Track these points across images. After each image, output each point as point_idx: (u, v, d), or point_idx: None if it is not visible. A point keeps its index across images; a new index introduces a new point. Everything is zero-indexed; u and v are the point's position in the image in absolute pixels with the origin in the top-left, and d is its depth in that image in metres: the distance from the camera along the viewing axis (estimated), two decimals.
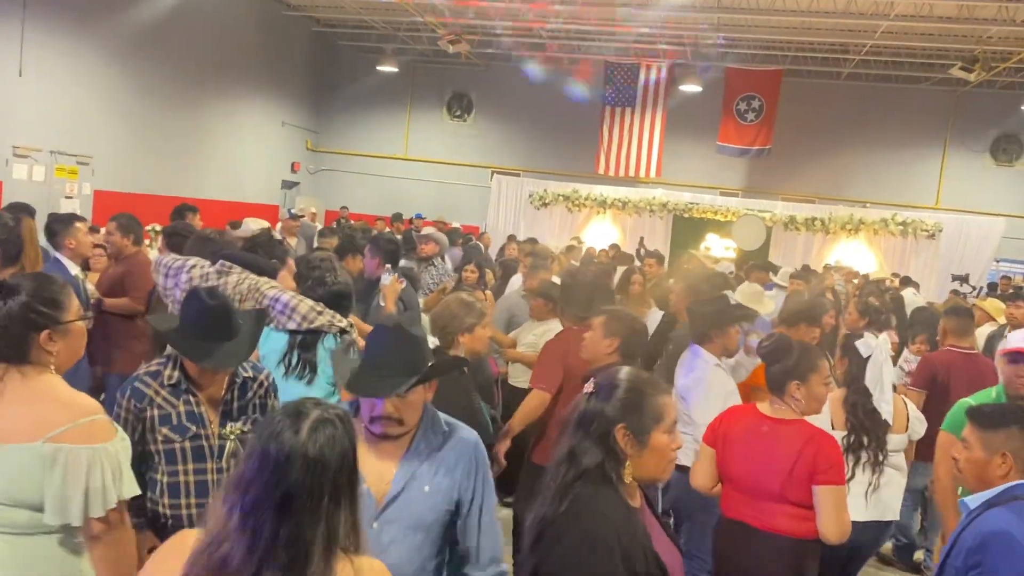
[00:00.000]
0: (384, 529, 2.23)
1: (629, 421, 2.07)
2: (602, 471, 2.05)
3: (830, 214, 16.12)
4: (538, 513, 2.09)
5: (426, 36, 17.84)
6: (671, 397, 2.19)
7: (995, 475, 2.58)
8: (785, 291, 8.53)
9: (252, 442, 1.61)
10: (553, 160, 19.22)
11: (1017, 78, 16.00)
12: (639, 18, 14.79)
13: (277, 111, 18.53)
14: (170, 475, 2.70)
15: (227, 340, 2.72)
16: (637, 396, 2.10)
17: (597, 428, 2.07)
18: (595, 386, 2.14)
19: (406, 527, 2.25)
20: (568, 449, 2.10)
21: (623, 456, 2.07)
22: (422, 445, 2.32)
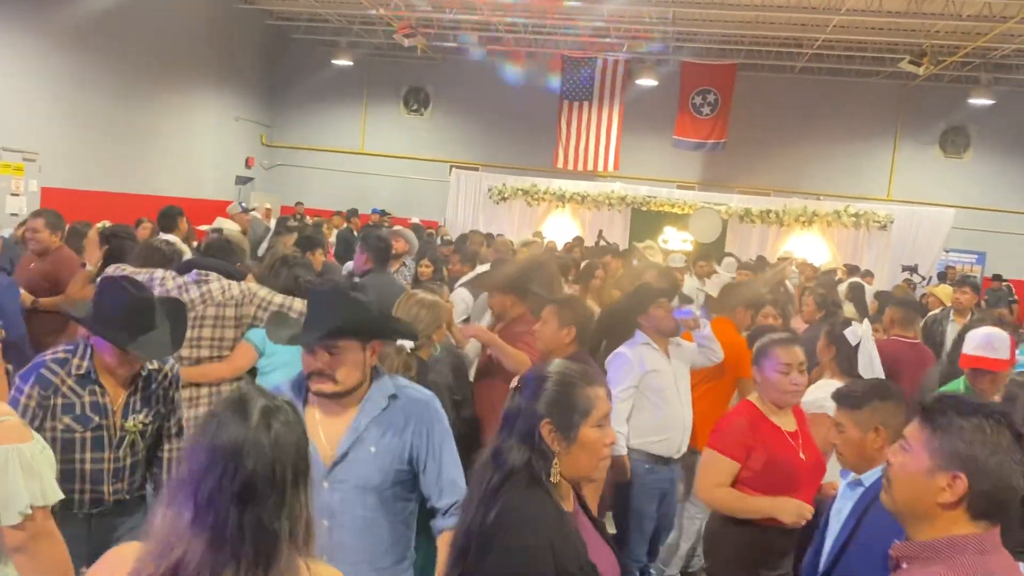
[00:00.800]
0: (334, 488, 2.31)
1: (554, 416, 1.95)
2: (530, 471, 1.92)
3: (784, 206, 16.34)
4: (463, 521, 1.98)
5: (381, 29, 17.70)
6: (603, 389, 2.05)
7: (873, 450, 2.60)
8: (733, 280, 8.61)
9: (193, 441, 1.53)
10: (512, 154, 19.21)
11: (964, 72, 16.35)
12: (595, 12, 14.83)
13: (230, 105, 18.24)
14: (65, 463, 2.68)
15: (151, 330, 2.74)
16: (563, 389, 1.98)
17: (521, 425, 1.95)
18: (521, 381, 2.02)
19: (354, 488, 2.32)
20: (493, 450, 1.98)
21: (551, 454, 1.94)
22: (369, 407, 2.37)
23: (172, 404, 3.02)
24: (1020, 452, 1.67)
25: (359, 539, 2.33)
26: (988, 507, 1.67)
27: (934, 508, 1.69)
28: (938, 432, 1.70)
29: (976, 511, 1.67)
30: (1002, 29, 13.42)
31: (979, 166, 17.69)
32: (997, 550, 1.68)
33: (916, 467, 1.72)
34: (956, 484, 1.66)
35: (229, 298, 3.92)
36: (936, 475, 1.68)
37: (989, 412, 1.69)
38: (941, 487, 1.68)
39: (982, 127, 17.40)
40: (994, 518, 1.68)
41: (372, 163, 19.79)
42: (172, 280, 3.97)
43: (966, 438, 1.67)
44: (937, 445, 1.69)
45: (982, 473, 1.65)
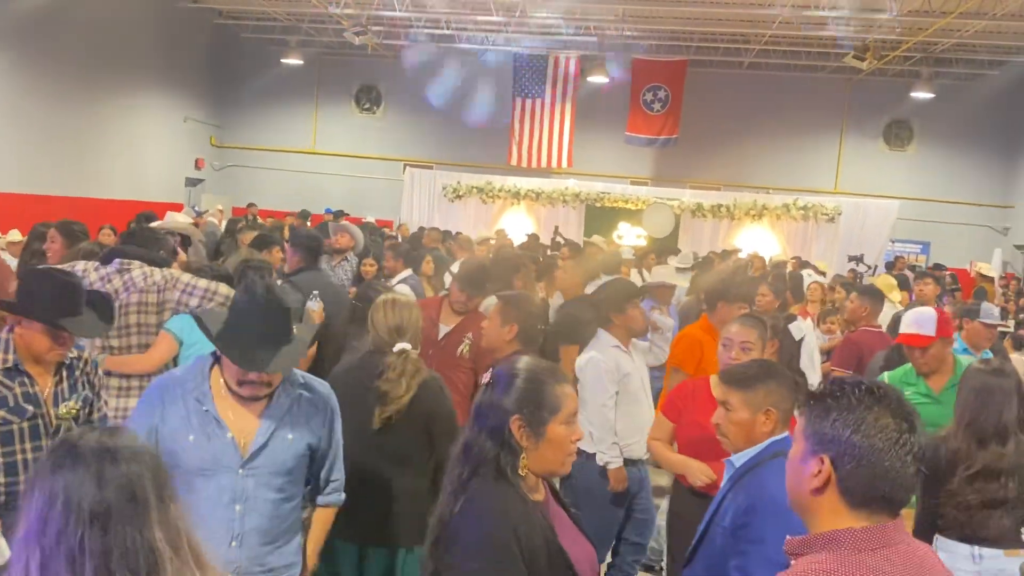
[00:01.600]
0: (250, 475, 2.43)
1: (524, 412, 2.00)
2: (497, 465, 1.98)
3: (735, 201, 16.58)
4: (437, 510, 2.04)
5: (331, 28, 17.54)
6: (570, 387, 2.12)
7: (761, 432, 2.58)
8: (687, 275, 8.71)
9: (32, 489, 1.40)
10: (466, 152, 19.20)
11: (906, 66, 16.72)
12: (546, 9, 14.87)
13: (179, 106, 17.94)
14: (6, 455, 2.73)
15: (78, 314, 2.79)
16: (533, 386, 2.03)
17: (492, 421, 2.00)
18: (492, 377, 2.07)
19: (270, 473, 2.46)
20: (464, 444, 2.04)
21: (519, 449, 1.99)
22: (283, 398, 2.51)
23: (95, 389, 3.07)
24: (895, 430, 1.54)
25: (269, 521, 2.47)
26: (864, 493, 1.54)
27: (808, 497, 1.59)
28: (811, 417, 1.61)
29: (853, 499, 1.55)
30: (942, 24, 13.75)
31: (922, 158, 18.14)
32: (891, 544, 1.55)
33: (794, 455, 1.65)
34: (821, 468, 1.57)
35: (151, 284, 3.92)
36: (808, 461, 1.59)
37: (859, 390, 1.58)
38: (812, 473, 1.58)
39: (924, 120, 17.82)
40: (875, 506, 1.55)
41: (325, 163, 19.62)
42: (95, 271, 3.95)
43: (831, 417, 1.57)
44: (809, 430, 1.61)
45: (847, 454, 1.54)
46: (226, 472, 2.41)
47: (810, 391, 1.70)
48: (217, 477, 2.40)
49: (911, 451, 1.55)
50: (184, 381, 2.48)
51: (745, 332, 3.44)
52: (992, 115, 17.41)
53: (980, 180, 17.85)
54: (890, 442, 1.53)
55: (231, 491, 2.41)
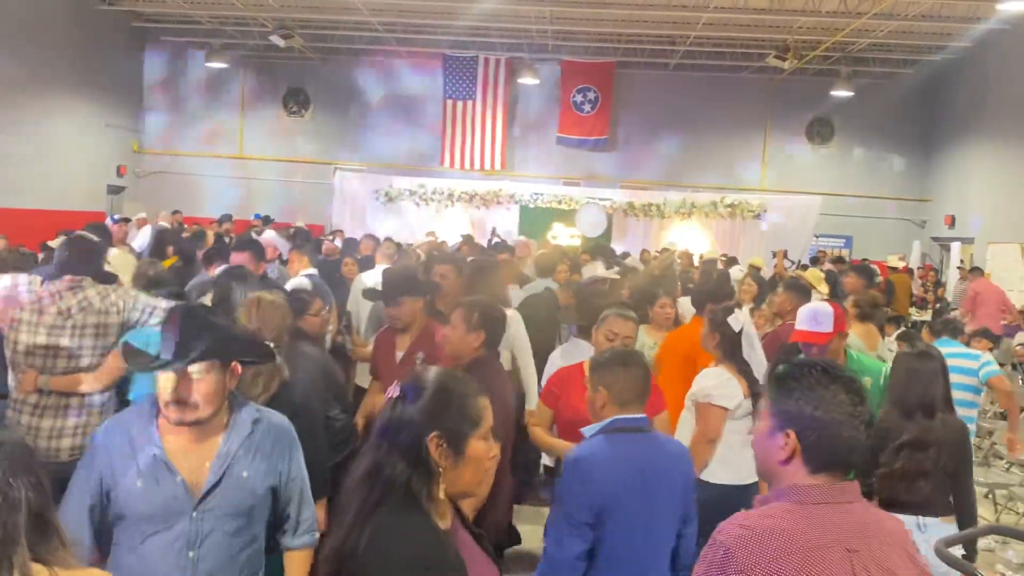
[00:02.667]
0: (204, 518, 2.26)
1: (443, 428, 1.80)
2: (409, 489, 1.76)
3: (664, 199, 16.85)
4: (336, 541, 1.80)
5: (256, 30, 17.23)
6: (487, 399, 1.95)
7: (598, 408, 2.86)
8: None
9: None
10: (398, 155, 19.07)
11: (826, 65, 17.21)
12: (473, 11, 14.87)
13: (98, 112, 17.39)
14: None
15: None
16: (452, 399, 1.84)
17: (406, 438, 1.78)
18: (402, 390, 1.84)
19: (225, 514, 2.29)
20: (371, 465, 1.80)
21: (436, 469, 1.79)
22: (234, 433, 2.35)
23: None
24: (850, 403, 1.77)
25: (225, 565, 2.30)
26: (825, 460, 1.78)
27: (776, 466, 1.83)
28: (777, 395, 1.83)
29: (815, 466, 1.78)
30: (857, 25, 14.20)
31: (843, 154, 18.71)
32: (842, 501, 1.77)
33: (763, 431, 1.86)
34: (788, 441, 1.79)
35: (111, 305, 3.74)
36: (776, 435, 1.81)
37: (816, 370, 1.81)
38: (779, 446, 1.80)
39: (844, 118, 18.37)
40: (834, 469, 1.79)
41: (252, 167, 19.25)
42: (43, 286, 3.73)
43: (795, 396, 1.79)
44: (775, 409, 1.83)
45: (809, 428, 1.77)
46: (178, 517, 2.24)
47: (774, 373, 1.88)
48: (168, 523, 2.24)
49: (863, 420, 1.79)
50: (130, 424, 2.33)
51: (624, 325, 3.67)
52: (908, 112, 18.04)
53: (898, 175, 18.50)
54: (846, 415, 1.76)
55: (185, 537, 2.24)
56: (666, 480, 2.74)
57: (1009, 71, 14.79)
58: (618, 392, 2.80)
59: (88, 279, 3.78)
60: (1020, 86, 14.37)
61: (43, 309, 3.66)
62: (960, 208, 16.59)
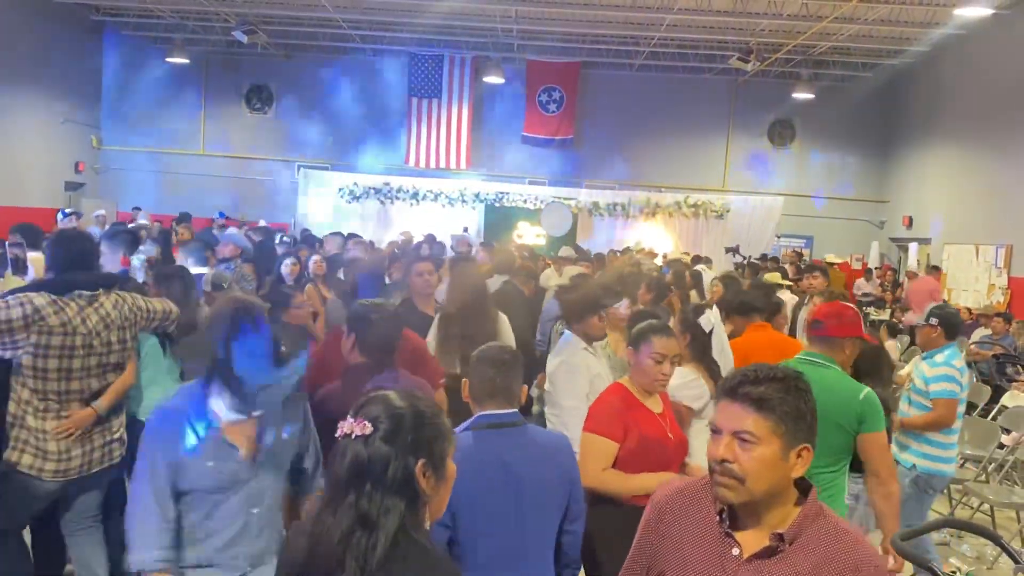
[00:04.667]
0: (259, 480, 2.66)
1: (429, 453, 1.68)
2: (408, 530, 1.61)
3: (629, 199, 16.97)
4: None
5: (219, 26, 17.02)
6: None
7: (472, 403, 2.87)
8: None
9: None
10: (363, 152, 18.95)
11: (787, 68, 17.45)
12: (438, 9, 14.83)
13: (56, 106, 17.07)
14: None
15: None
16: (432, 420, 1.72)
17: (395, 473, 1.61)
18: (371, 423, 1.65)
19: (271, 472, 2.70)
20: (357, 516, 1.59)
21: (425, 499, 1.67)
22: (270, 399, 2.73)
23: None
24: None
25: (273, 508, 2.72)
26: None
27: (787, 483, 1.79)
28: (781, 418, 1.75)
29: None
30: (819, 28, 14.42)
31: (804, 156, 18.96)
32: None
33: (772, 456, 1.75)
34: (804, 455, 1.78)
35: (126, 319, 3.72)
36: (789, 455, 1.76)
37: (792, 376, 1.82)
38: (793, 464, 1.77)
39: (805, 119, 18.63)
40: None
41: (214, 164, 19.02)
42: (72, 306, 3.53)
43: (803, 412, 1.78)
44: (783, 429, 1.75)
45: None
46: (242, 485, 2.60)
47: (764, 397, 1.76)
48: (235, 491, 2.59)
49: None
50: (185, 410, 2.58)
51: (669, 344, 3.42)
52: (867, 115, 18.36)
53: (857, 176, 18.81)
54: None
55: (247, 499, 2.61)
56: (536, 475, 2.64)
57: (965, 75, 15.12)
58: (478, 387, 2.75)
59: (100, 291, 3.67)
60: (976, 90, 14.70)
61: (74, 331, 3.51)
62: (917, 209, 16.92)
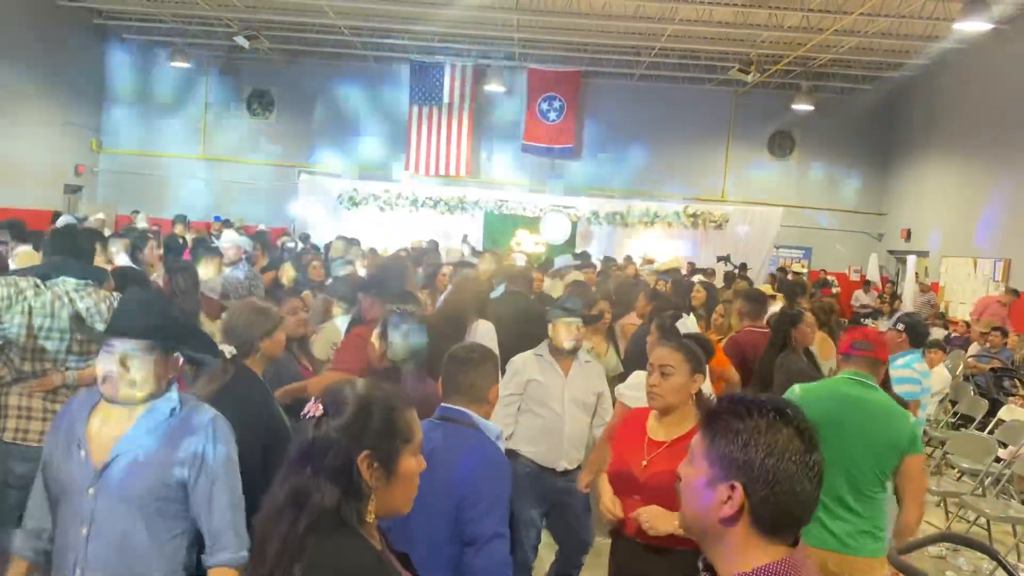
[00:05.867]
0: (99, 496, 2.24)
1: (375, 446, 1.65)
2: (338, 514, 1.60)
3: (628, 208, 17.00)
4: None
5: (221, 31, 17.06)
6: (414, 411, 1.81)
7: None
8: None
9: None
10: (363, 159, 18.97)
11: (788, 80, 17.50)
12: (441, 17, 14.88)
13: (57, 109, 17.08)
14: None
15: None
16: (385, 414, 1.69)
17: (334, 459, 1.61)
18: (324, 407, 1.66)
19: (117, 497, 2.24)
20: (291, 491, 1.61)
21: (367, 491, 1.64)
22: (149, 416, 2.31)
23: None
24: (804, 451, 1.46)
25: (116, 554, 2.23)
26: (777, 519, 1.46)
27: (716, 525, 1.48)
28: (716, 438, 1.49)
29: (764, 526, 1.46)
30: (819, 40, 14.47)
31: (803, 167, 18.99)
32: (805, 567, 1.49)
33: (695, 478, 1.52)
34: (734, 495, 1.45)
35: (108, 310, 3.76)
36: (716, 487, 1.47)
37: (766, 409, 1.49)
38: (722, 500, 1.46)
39: (805, 131, 18.67)
40: (785, 531, 1.48)
41: (214, 169, 19.03)
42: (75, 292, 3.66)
43: (741, 441, 1.46)
44: (715, 454, 1.48)
45: (758, 479, 1.44)
46: (79, 493, 2.25)
47: (708, 408, 1.58)
48: (71, 497, 2.26)
49: (817, 471, 1.47)
50: (74, 403, 2.42)
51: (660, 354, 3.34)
52: (866, 127, 18.41)
53: (856, 189, 18.85)
54: (802, 464, 1.45)
55: (80, 513, 2.24)
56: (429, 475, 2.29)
57: (964, 89, 15.17)
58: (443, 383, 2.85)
59: (91, 281, 3.76)
60: (974, 104, 14.75)
61: (55, 313, 3.61)
62: (916, 222, 16.95)
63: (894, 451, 3.43)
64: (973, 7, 10.67)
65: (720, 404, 1.54)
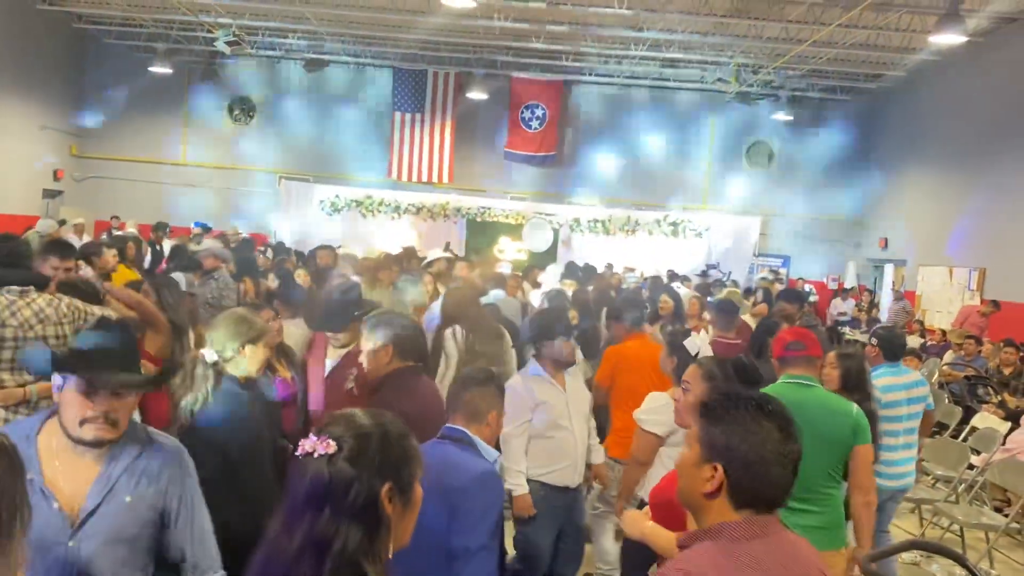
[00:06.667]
0: (83, 546, 2.12)
1: (395, 477, 1.56)
2: (367, 556, 1.50)
3: (610, 216, 17.09)
4: None
5: (203, 36, 17.00)
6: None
7: None
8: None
9: None
10: (345, 165, 18.95)
11: (768, 90, 17.64)
12: (423, 25, 14.91)
13: (35, 113, 16.96)
14: None
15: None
16: (399, 441, 1.61)
17: (357, 496, 1.50)
18: (337, 442, 1.53)
19: (106, 542, 2.14)
20: (308, 536, 1.49)
21: (388, 525, 1.55)
22: (121, 453, 2.19)
23: None
24: (780, 441, 1.72)
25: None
26: (751, 496, 1.71)
27: (700, 498, 1.75)
28: (707, 425, 1.77)
29: (739, 501, 1.71)
30: (798, 51, 14.62)
31: (782, 177, 19.10)
32: (766, 535, 1.70)
33: (690, 459, 1.79)
34: (715, 474, 1.72)
35: (63, 315, 3.77)
36: (702, 466, 1.74)
37: (751, 403, 1.76)
38: (706, 478, 1.73)
39: (784, 141, 18.84)
40: (757, 507, 1.72)
41: (195, 174, 18.94)
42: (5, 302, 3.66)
43: (726, 429, 1.73)
44: (705, 438, 1.76)
45: (738, 462, 1.70)
46: (55, 546, 2.10)
47: (704, 402, 1.83)
48: (44, 553, 2.08)
49: (792, 459, 1.74)
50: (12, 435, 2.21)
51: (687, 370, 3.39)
52: (845, 137, 18.58)
53: (834, 198, 18.97)
54: (776, 453, 1.72)
55: (61, 566, 2.10)
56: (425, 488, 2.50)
57: (940, 101, 15.38)
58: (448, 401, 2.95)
59: (31, 288, 3.74)
60: (950, 115, 14.95)
61: (2, 323, 3.61)
62: (893, 231, 17.13)
63: (841, 446, 3.52)
64: (948, 21, 10.81)
65: (713, 397, 1.84)
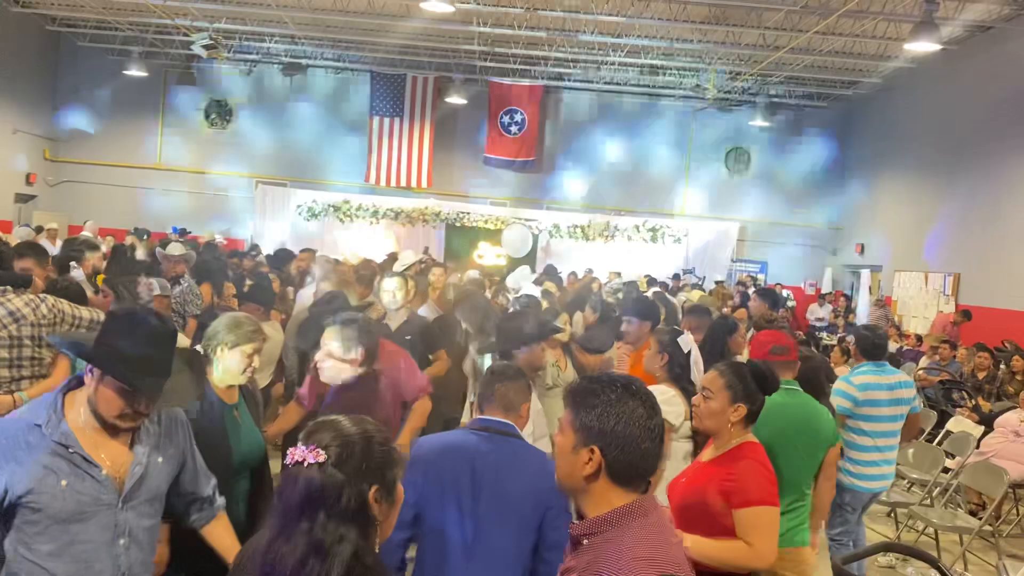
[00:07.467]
0: (130, 508, 2.37)
1: (380, 478, 1.67)
2: (357, 554, 1.60)
3: (589, 221, 17.10)
4: None
5: (179, 39, 16.86)
6: None
7: None
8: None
9: None
10: (322, 170, 18.84)
11: (745, 96, 17.76)
12: (402, 29, 14.87)
13: (7, 117, 16.74)
14: None
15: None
16: (381, 446, 1.70)
17: (347, 502, 1.60)
18: (325, 452, 1.62)
19: (147, 501, 2.42)
20: (308, 541, 1.58)
21: (376, 524, 1.67)
22: (148, 424, 2.46)
23: None
24: (646, 417, 1.80)
25: (147, 548, 2.46)
26: (628, 473, 1.79)
27: (582, 481, 1.80)
28: (578, 411, 1.82)
29: (619, 479, 1.79)
30: (775, 58, 14.72)
31: (759, 183, 19.19)
32: (655, 509, 1.82)
33: (565, 446, 1.84)
34: (593, 456, 1.78)
35: (42, 317, 3.81)
36: (579, 451, 1.80)
37: (616, 385, 1.83)
38: (584, 461, 1.79)
39: (762, 147, 18.94)
40: (636, 482, 1.81)
41: (170, 179, 18.75)
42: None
43: (597, 413, 1.79)
44: (578, 424, 1.81)
45: (613, 442, 1.78)
46: (106, 510, 2.32)
47: (571, 387, 1.89)
48: (97, 517, 2.31)
49: (657, 433, 1.83)
50: (31, 426, 2.25)
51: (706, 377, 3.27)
52: (822, 144, 18.70)
53: (812, 204, 19.11)
54: (644, 428, 1.80)
55: (113, 528, 2.33)
56: (499, 485, 2.64)
57: (915, 108, 15.53)
58: (481, 394, 2.94)
59: (8, 287, 3.77)
60: (925, 122, 15.10)
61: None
62: (869, 237, 17.26)
63: (822, 448, 3.75)
64: (923, 29, 10.91)
65: (580, 383, 1.89)
